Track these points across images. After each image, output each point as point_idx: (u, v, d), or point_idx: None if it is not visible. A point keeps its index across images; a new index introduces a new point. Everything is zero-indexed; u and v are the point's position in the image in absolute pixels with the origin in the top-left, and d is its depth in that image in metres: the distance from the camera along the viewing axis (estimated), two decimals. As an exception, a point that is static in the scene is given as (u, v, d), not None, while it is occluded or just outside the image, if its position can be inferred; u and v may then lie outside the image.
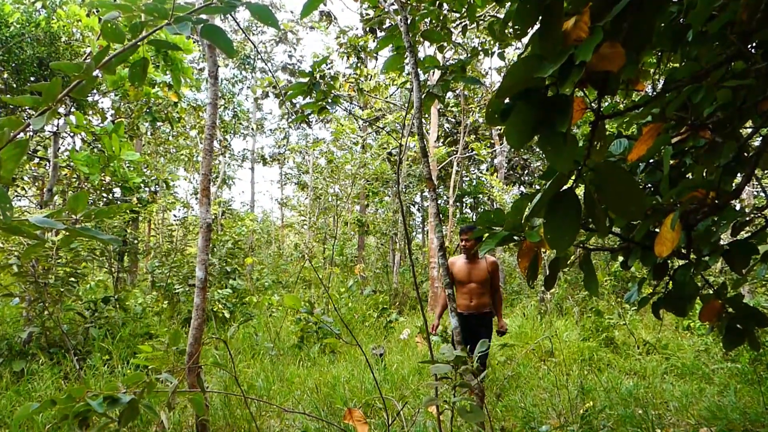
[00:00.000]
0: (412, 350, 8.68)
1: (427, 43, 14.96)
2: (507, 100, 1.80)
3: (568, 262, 2.89)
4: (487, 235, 2.69)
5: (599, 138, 2.39)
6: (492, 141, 21.30)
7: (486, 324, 5.72)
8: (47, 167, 10.19)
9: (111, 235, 1.59)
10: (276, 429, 4.99)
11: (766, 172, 12.02)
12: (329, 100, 3.44)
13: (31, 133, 9.56)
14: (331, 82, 3.46)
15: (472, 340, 5.44)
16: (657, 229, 2.71)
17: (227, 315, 10.13)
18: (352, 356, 8.25)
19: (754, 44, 2.43)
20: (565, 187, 1.88)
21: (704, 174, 2.63)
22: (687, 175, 2.97)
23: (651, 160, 3.11)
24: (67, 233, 1.58)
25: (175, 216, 21.03)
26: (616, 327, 9.80)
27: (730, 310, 3.11)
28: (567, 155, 1.70)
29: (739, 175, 2.79)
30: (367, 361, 4.42)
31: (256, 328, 9.84)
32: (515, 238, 2.66)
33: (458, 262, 5.82)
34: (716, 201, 2.50)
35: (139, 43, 1.58)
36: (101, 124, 7.99)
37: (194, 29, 1.63)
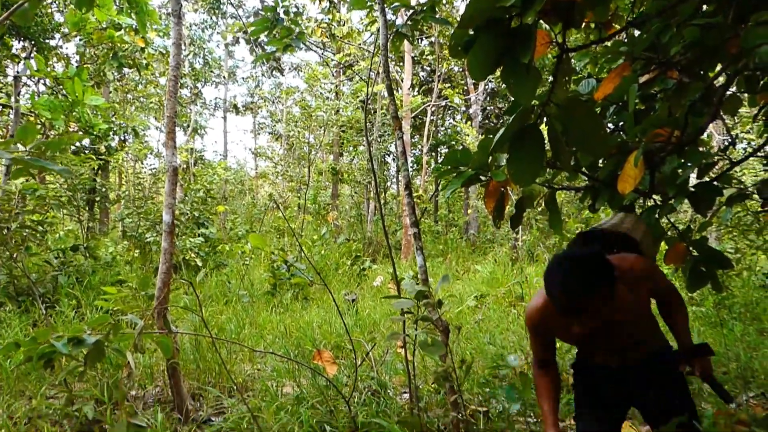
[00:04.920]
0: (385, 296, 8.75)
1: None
2: (470, 32, 1.77)
3: (535, 203, 2.90)
4: (453, 174, 2.69)
5: (564, 73, 2.37)
6: (466, 88, 21.16)
7: (665, 370, 2.64)
8: (10, 115, 9.94)
9: (64, 167, 1.54)
10: (247, 372, 5.03)
11: (737, 121, 12.10)
12: (294, 37, 3.37)
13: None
14: (295, 18, 3.38)
15: (641, 401, 2.70)
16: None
17: (199, 263, 10.10)
18: (324, 302, 8.31)
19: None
20: (528, 122, 1.87)
21: (670, 112, 2.63)
22: (654, 117, 2.97)
23: (620, 103, 3.10)
24: (18, 165, 1.53)
25: (144, 165, 20.80)
26: (586, 273, 9.94)
27: (695, 253, 3.16)
28: (530, 87, 1.68)
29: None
30: (336, 306, 4.45)
31: (229, 276, 9.83)
32: (481, 177, 2.65)
33: (560, 324, 2.44)
34: (681, 139, 2.51)
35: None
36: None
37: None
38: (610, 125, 3.25)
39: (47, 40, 9.13)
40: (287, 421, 3.75)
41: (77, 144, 11.38)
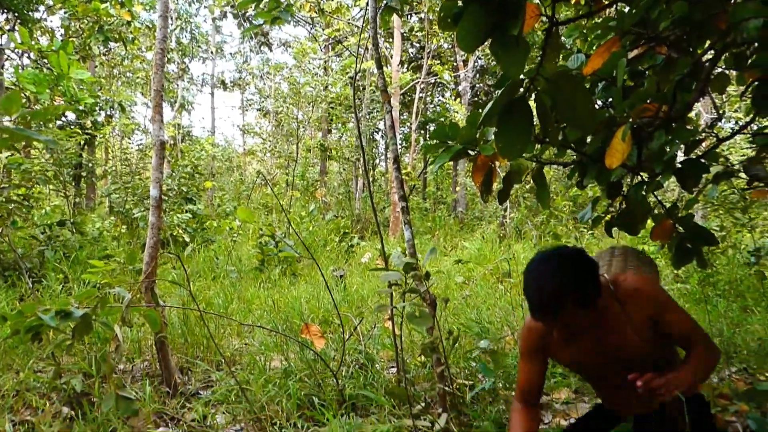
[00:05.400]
0: (373, 273, 8.78)
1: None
2: (459, 3, 1.76)
3: (523, 178, 2.91)
4: (442, 149, 2.68)
5: (554, 47, 2.37)
6: (456, 65, 21.07)
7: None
8: (-6, 88, 9.80)
9: (50, 137, 1.53)
10: (235, 346, 5.05)
11: (725, 100, 12.13)
12: (282, 9, 3.33)
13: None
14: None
15: None
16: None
17: (187, 239, 10.08)
18: (312, 278, 8.33)
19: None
20: (517, 95, 1.86)
21: (658, 87, 2.64)
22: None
23: (609, 79, 3.10)
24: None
25: (131, 140, 20.65)
26: (573, 250, 9.99)
27: (681, 229, 3.19)
28: (519, 59, 1.68)
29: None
30: (325, 282, 4.47)
31: (216, 252, 9.83)
32: (470, 152, 2.65)
33: (556, 342, 2.29)
34: (669, 114, 2.52)
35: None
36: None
37: None
38: (598, 102, 3.26)
39: (31, 13, 8.98)
40: (275, 393, 3.78)
41: (63, 119, 11.27)
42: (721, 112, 4.73)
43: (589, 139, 2.95)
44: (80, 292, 2.98)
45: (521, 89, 1.83)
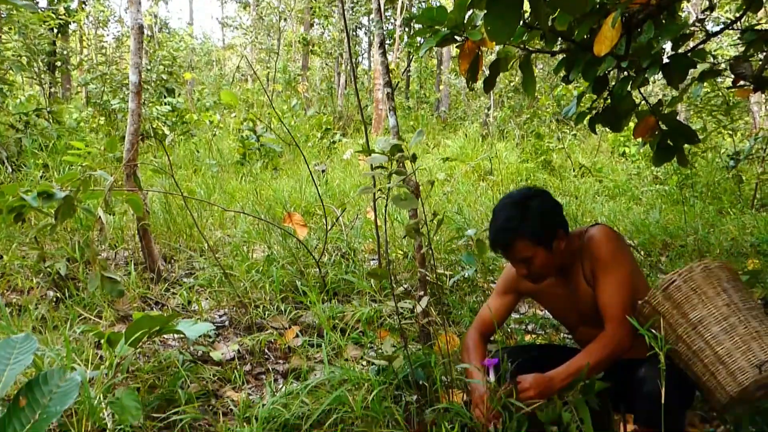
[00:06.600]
0: (354, 169, 8.80)
1: None
2: None
3: (509, 66, 2.88)
4: (428, 34, 2.63)
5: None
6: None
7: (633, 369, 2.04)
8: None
9: (27, 2, 1.48)
10: (218, 236, 5.10)
11: (716, 1, 11.93)
12: None
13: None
14: None
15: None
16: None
17: (167, 132, 9.95)
18: (294, 173, 8.34)
19: None
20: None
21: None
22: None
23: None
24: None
25: (106, 30, 20.00)
26: (555, 150, 10.05)
27: (664, 127, 3.20)
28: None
29: None
30: (310, 172, 4.47)
31: (197, 146, 9.74)
32: (457, 38, 2.60)
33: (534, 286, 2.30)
34: (660, 2, 2.48)
35: None
36: None
37: None
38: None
39: None
40: (258, 279, 3.85)
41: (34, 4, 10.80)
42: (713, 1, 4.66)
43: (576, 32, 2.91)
44: (62, 176, 2.96)
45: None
